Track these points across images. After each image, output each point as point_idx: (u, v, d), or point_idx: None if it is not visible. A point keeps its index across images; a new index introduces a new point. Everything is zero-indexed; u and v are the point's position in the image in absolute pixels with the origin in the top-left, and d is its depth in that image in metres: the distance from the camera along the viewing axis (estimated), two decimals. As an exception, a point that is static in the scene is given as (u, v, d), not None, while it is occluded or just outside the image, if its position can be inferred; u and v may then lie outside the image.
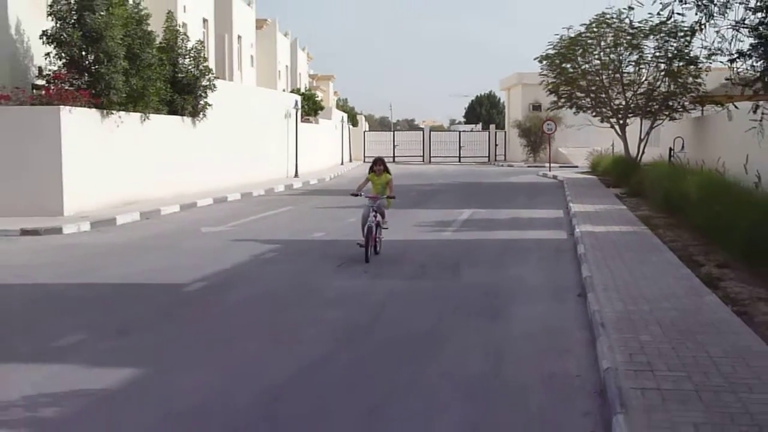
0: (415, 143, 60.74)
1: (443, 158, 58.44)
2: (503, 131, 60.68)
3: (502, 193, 28.44)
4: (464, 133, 64.48)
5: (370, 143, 61.03)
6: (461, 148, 59.25)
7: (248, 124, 31.45)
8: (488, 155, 58.33)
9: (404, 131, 71.81)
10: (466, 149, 59.16)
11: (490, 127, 64.20)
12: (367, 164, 54.26)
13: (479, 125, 77.45)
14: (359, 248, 12.54)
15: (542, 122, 44.65)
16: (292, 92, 44.94)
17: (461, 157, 58.44)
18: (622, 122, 31.71)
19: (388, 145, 60.33)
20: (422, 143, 60.40)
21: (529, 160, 53.16)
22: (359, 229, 12.90)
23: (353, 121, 60.53)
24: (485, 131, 63.12)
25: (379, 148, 59.83)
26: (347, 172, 44.06)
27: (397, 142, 60.85)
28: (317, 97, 49.02)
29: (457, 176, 39.45)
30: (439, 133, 67.98)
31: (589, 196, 24.58)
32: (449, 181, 35.65)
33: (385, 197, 13.17)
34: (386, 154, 58.96)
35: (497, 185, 32.54)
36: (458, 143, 59.84)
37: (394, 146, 60.13)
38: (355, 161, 56.23)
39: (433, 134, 63.18)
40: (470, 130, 71.72)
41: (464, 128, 77.51)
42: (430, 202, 25.00)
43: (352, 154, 58.02)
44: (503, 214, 20.84)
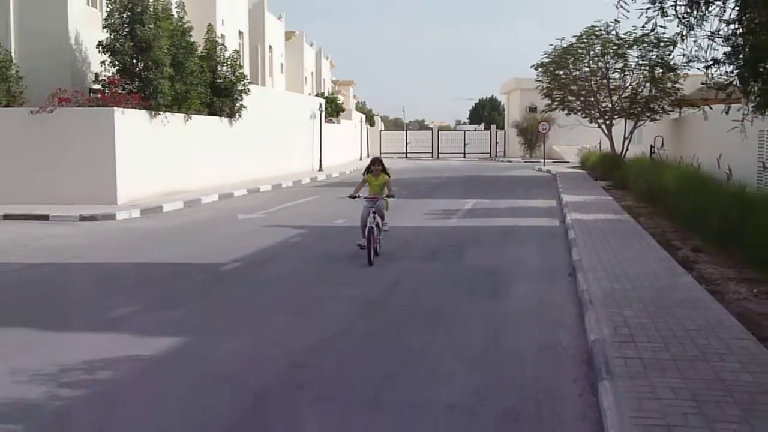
0: (425, 141, 60.51)
1: (450, 154, 58.19)
2: (503, 131, 60.37)
3: (501, 185, 28.30)
4: (468, 132, 64.10)
5: (385, 141, 60.94)
6: (466, 145, 58.96)
7: (278, 123, 31.43)
8: (490, 152, 58.01)
9: (415, 130, 71.40)
10: (470, 146, 58.87)
11: (491, 127, 63.97)
12: (384, 159, 54.00)
13: (482, 125, 76.98)
14: (361, 249, 11.03)
15: (538, 123, 44.59)
16: (316, 96, 44.87)
17: (466, 153, 58.14)
18: (608, 123, 31.56)
19: (401, 143, 60.35)
20: (431, 141, 60.18)
21: (525, 156, 52.86)
22: None
23: (371, 121, 60.42)
24: (487, 131, 62.79)
25: (393, 145, 59.94)
26: (364, 166, 43.81)
27: (409, 140, 60.66)
28: (339, 100, 48.87)
29: (462, 170, 39.29)
30: (446, 132, 67.73)
31: (579, 188, 24.45)
32: (455, 174, 35.52)
33: (383, 197, 11.41)
34: (400, 151, 59.03)
35: (497, 178, 32.39)
36: (463, 141, 59.57)
37: (406, 144, 60.06)
38: (372, 157, 56.07)
39: (441, 133, 62.98)
40: (474, 129, 71.20)
41: (468, 128, 76.97)
42: (438, 192, 24.96)
43: (369, 150, 57.86)
44: (503, 203, 20.75)
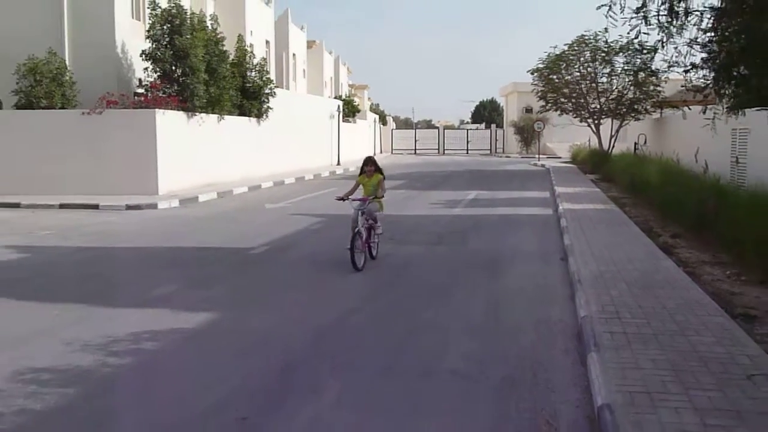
0: (432, 139, 60.35)
1: (454, 151, 57.98)
2: (502, 129, 60.07)
3: (500, 178, 28.20)
4: (471, 131, 63.77)
5: (396, 139, 60.77)
6: (469, 142, 58.70)
7: (300, 123, 31.42)
8: (490, 148, 57.73)
9: (423, 129, 71.03)
10: (472, 144, 58.62)
11: (491, 126, 63.55)
12: (395, 155, 54.59)
13: (483, 124, 76.53)
14: (356, 249, 9.16)
15: (533, 122, 44.39)
16: (335, 98, 44.76)
17: (468, 150, 57.87)
18: (596, 122, 31.39)
19: (410, 140, 60.20)
20: (438, 139, 60.01)
21: (522, 152, 52.65)
22: (390, 207, 11.61)
23: (383, 121, 60.20)
24: (488, 129, 62.40)
25: (403, 143, 59.82)
26: (378, 161, 43.81)
27: (417, 138, 60.47)
28: (355, 102, 48.73)
29: (465, 165, 39.17)
30: (451, 130, 67.30)
31: (570, 181, 24.33)
32: (459, 168, 35.39)
33: (373, 198, 9.52)
34: (409, 147, 58.88)
35: (497, 172, 32.26)
36: (466, 139, 59.33)
37: (415, 141, 59.91)
38: (384, 153, 56.02)
39: (446, 132, 62.66)
40: (476, 128, 70.66)
41: (471, 127, 76.44)
42: (443, 185, 24.89)
43: (382, 147, 57.84)
44: (502, 194, 20.68)
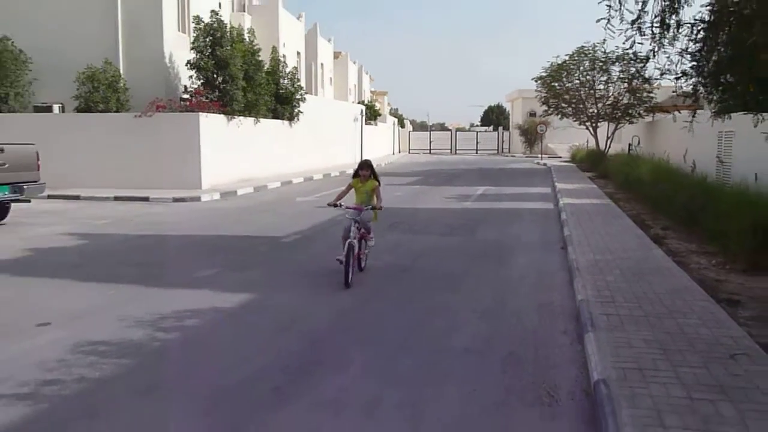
0: (445, 140, 60.06)
1: (465, 151, 57.64)
2: (508, 131, 59.57)
3: (506, 175, 28.00)
4: (480, 132, 63.45)
5: (413, 140, 60.65)
6: (478, 143, 58.36)
7: (328, 125, 31.45)
8: (497, 148, 57.36)
9: (437, 131, 70.63)
10: (481, 144, 58.27)
11: (498, 128, 63.14)
12: (411, 155, 54.52)
13: (491, 127, 76.10)
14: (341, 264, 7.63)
15: (536, 125, 44.06)
16: (358, 103, 44.76)
17: (478, 150, 57.51)
18: (594, 125, 31.17)
19: (426, 141, 60.07)
20: (450, 140, 59.68)
21: (526, 152, 52.22)
22: (406, 201, 11.53)
23: (401, 123, 60.23)
24: (495, 131, 62.03)
25: (419, 143, 59.69)
26: (396, 159, 43.86)
27: (432, 139, 60.25)
28: (376, 107, 48.76)
29: (474, 163, 38.95)
30: (462, 132, 66.90)
31: (569, 178, 24.10)
32: (469, 167, 35.21)
33: (369, 208, 7.86)
34: (424, 147, 58.71)
35: (503, 170, 32.02)
36: (476, 140, 58.97)
37: (430, 142, 59.72)
38: (402, 153, 55.95)
39: (458, 133, 62.28)
40: (484, 130, 70.23)
41: (480, 129, 75.96)
42: (455, 181, 24.76)
43: (400, 147, 57.76)
44: (507, 190, 20.53)
